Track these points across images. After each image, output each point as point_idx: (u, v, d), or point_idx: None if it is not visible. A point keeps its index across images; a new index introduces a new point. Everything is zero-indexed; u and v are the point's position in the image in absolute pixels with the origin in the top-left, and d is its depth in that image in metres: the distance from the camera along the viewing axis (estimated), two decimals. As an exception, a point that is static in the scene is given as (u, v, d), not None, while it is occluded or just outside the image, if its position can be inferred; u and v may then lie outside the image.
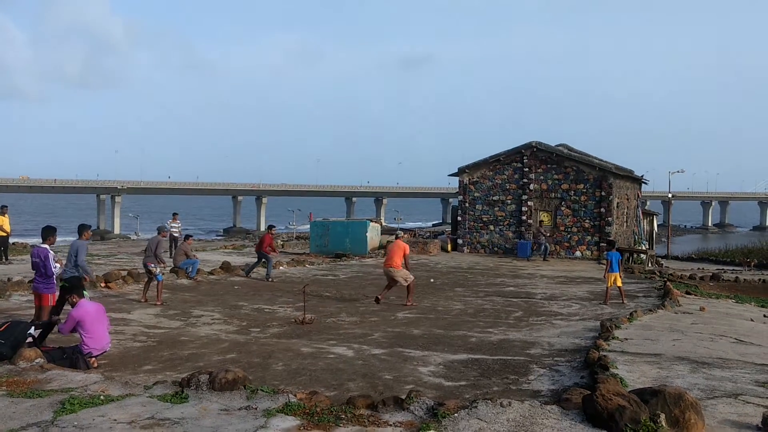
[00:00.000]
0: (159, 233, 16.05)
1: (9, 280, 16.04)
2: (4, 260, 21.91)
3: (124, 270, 18.51)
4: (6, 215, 22.27)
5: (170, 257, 23.63)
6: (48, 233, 11.01)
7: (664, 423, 5.62)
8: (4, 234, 22.28)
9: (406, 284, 15.59)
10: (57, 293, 10.71)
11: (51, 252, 10.81)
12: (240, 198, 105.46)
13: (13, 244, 33.19)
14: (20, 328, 8.90)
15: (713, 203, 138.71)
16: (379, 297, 15.64)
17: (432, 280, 20.52)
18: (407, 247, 16.39)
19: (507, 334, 11.85)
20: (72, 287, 9.62)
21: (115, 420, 6.16)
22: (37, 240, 13.72)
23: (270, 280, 19.34)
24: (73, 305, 9.22)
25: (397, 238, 16.81)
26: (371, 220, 35.15)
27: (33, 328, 9.13)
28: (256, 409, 6.51)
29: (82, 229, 12.16)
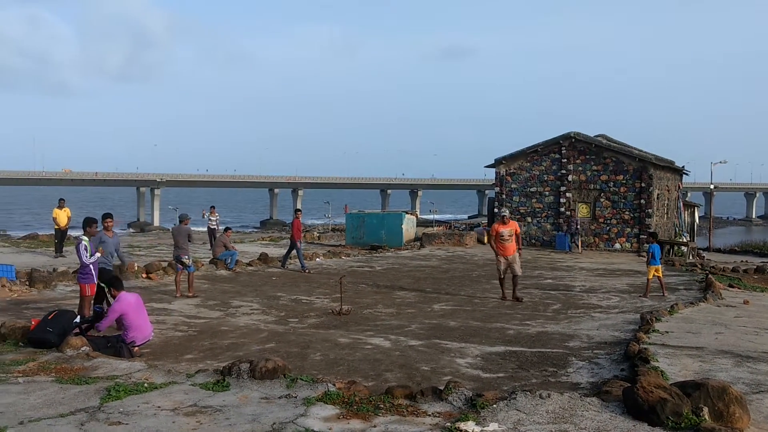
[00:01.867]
0: (181, 222, 15.29)
1: (54, 270, 16.46)
2: (58, 253, 22.17)
3: (164, 261, 18.83)
4: (64, 208, 22.60)
5: (210, 249, 24.02)
6: (87, 223, 10.96)
7: (707, 416, 5.54)
8: (59, 227, 22.57)
9: (518, 274, 15.03)
10: (94, 283, 10.75)
11: (83, 242, 10.66)
12: (276, 190, 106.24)
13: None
14: (67, 317, 9.15)
15: (758, 194, 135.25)
16: (507, 296, 14.90)
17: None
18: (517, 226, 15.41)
19: (545, 327, 11.77)
20: (109, 282, 9.74)
21: (158, 407, 6.30)
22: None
23: (306, 271, 19.49)
24: (113, 298, 9.41)
25: (504, 217, 15.31)
26: (407, 212, 35.15)
27: (79, 317, 9.38)
28: (296, 397, 6.60)
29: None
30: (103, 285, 10.59)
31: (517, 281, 15.02)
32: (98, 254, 10.81)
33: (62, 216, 22.59)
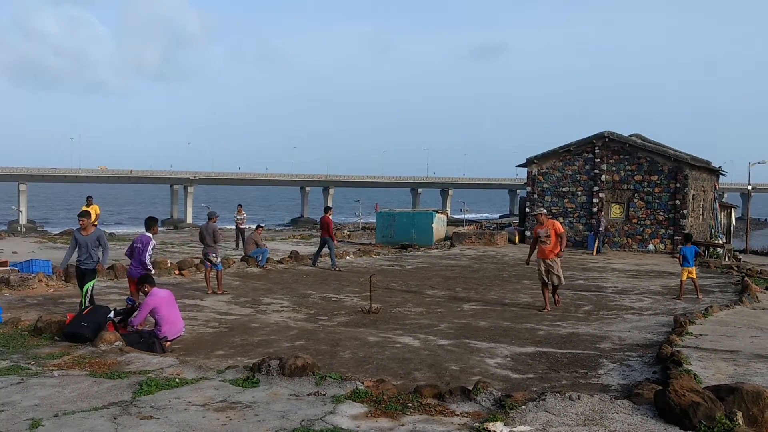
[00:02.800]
0: (210, 219, 15.28)
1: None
2: None
3: (197, 258, 19.06)
4: (93, 205, 22.32)
5: (236, 248, 24.25)
6: (152, 223, 11.59)
7: (741, 421, 5.43)
8: None
9: (557, 284, 13.60)
10: None
11: (153, 241, 11.33)
12: (308, 189, 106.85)
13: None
14: (101, 313, 9.32)
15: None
16: (549, 306, 13.51)
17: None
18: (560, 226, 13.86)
19: (576, 328, 11.65)
20: (143, 278, 9.94)
21: (189, 402, 6.39)
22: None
23: (336, 269, 19.57)
24: (146, 294, 9.56)
25: (539, 216, 13.95)
26: (437, 211, 35.07)
27: (113, 312, 9.54)
28: (324, 395, 6.63)
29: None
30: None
31: (557, 290, 13.86)
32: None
33: (90, 214, 22.74)
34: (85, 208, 22.38)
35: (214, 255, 14.91)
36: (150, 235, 11.29)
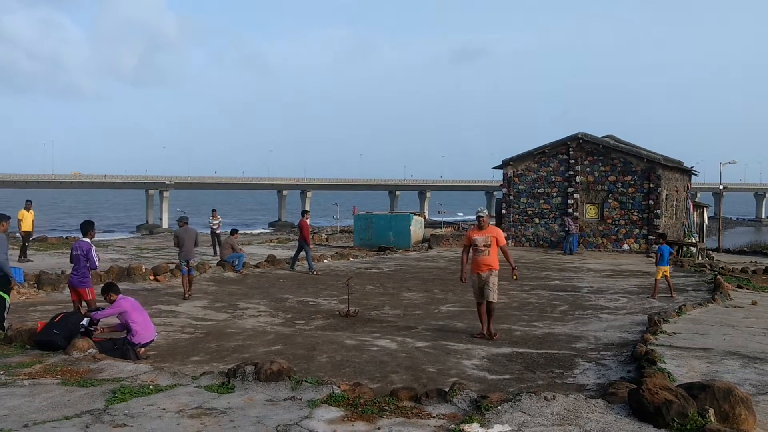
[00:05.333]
0: (180, 223, 15.36)
1: (63, 273, 16.52)
2: (22, 258, 20.57)
3: (172, 263, 18.89)
4: (30, 210, 21.27)
5: (214, 254, 24.08)
6: (88, 227, 11.09)
7: (712, 418, 5.50)
8: (24, 230, 21.21)
9: (493, 300, 10.93)
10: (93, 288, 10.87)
11: (93, 246, 10.89)
12: (285, 192, 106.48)
13: (66, 238, 34.20)
14: (74, 319, 9.17)
15: (767, 194, 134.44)
16: (486, 332, 10.86)
17: None
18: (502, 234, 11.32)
19: (552, 328, 11.73)
20: (106, 287, 9.69)
21: (164, 409, 6.31)
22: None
23: (314, 273, 19.51)
24: (111, 302, 9.40)
25: (480, 219, 11.19)
26: (415, 214, 35.13)
27: (86, 319, 9.40)
28: (300, 399, 6.59)
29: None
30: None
31: (492, 310, 10.97)
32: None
33: (28, 218, 21.26)
34: (24, 212, 20.96)
35: (194, 260, 15.02)
36: (88, 240, 11.00)
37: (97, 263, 10.85)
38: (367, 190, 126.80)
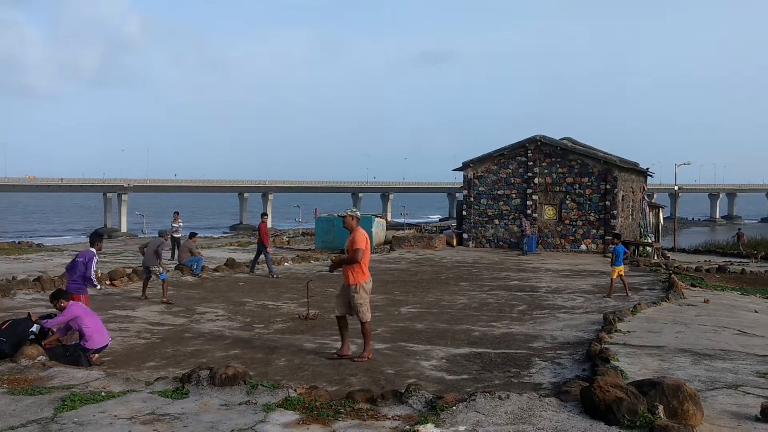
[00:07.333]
0: (161, 236, 16.65)
1: (14, 278, 16.13)
2: None
3: (129, 268, 18.57)
4: None
5: (171, 258, 23.69)
6: (96, 239, 11.14)
7: (662, 414, 5.60)
8: None
9: (364, 320, 9.13)
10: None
11: (96, 256, 10.81)
12: (246, 195, 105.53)
13: (19, 242, 33.35)
14: (22, 326, 8.94)
15: (721, 195, 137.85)
16: (347, 352, 9.31)
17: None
18: (365, 237, 9.29)
19: (510, 328, 11.84)
20: (56, 294, 9.56)
21: (115, 416, 6.19)
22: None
23: (274, 276, 19.38)
24: (62, 310, 9.21)
25: (351, 219, 9.44)
26: (376, 216, 35.17)
27: (35, 326, 9.17)
28: (255, 403, 6.53)
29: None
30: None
31: (367, 331, 9.21)
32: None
33: None
34: None
35: (155, 266, 15.03)
36: (94, 250, 10.89)
37: (93, 275, 10.59)
38: (330, 192, 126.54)
